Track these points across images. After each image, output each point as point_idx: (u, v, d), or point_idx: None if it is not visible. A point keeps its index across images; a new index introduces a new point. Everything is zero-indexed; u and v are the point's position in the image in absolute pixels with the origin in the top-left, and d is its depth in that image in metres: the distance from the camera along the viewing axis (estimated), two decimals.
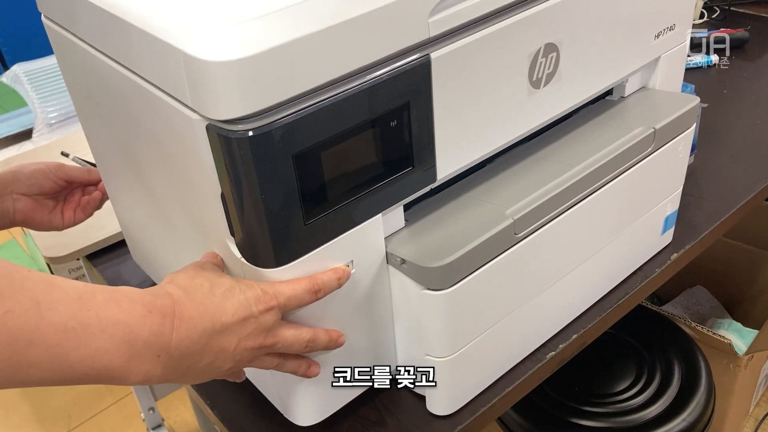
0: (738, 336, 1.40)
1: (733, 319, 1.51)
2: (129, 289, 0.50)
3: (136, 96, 0.58)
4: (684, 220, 0.90)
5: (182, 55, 0.47)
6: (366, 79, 0.52)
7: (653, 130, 0.72)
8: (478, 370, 0.68)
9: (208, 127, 0.49)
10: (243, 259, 0.56)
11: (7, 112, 2.33)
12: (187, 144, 0.53)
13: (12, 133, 1.96)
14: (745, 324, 1.43)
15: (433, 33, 0.54)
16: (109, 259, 0.97)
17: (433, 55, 0.55)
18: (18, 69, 1.97)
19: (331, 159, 0.53)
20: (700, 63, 1.26)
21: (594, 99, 0.78)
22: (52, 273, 1.70)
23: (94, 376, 0.47)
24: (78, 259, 1.00)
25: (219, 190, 0.53)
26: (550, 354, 0.74)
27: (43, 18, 0.71)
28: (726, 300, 1.61)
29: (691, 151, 0.99)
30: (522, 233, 0.63)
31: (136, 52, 0.55)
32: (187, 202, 0.60)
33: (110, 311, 0.47)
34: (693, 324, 1.21)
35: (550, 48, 0.64)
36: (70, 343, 0.45)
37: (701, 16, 1.43)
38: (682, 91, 0.91)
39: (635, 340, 1.12)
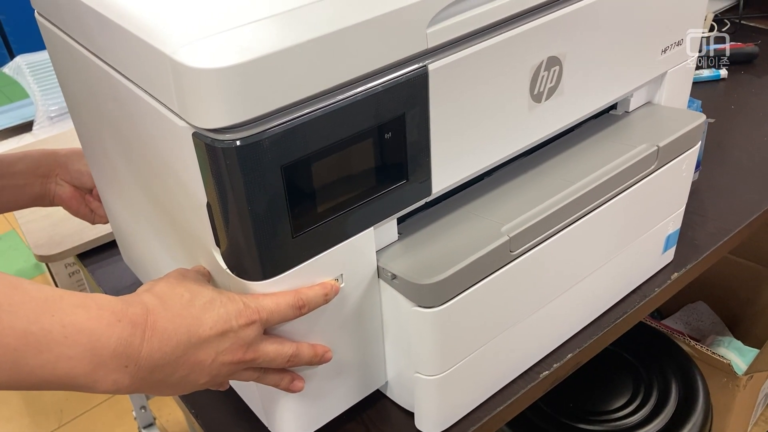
0: (738, 354, 1.38)
1: (735, 336, 1.49)
2: (101, 296, 0.48)
3: (126, 99, 0.56)
4: (686, 238, 0.88)
5: (170, 61, 0.46)
6: (360, 90, 0.50)
7: (657, 147, 0.70)
8: (469, 388, 0.67)
9: (194, 135, 0.47)
10: (228, 271, 0.54)
11: (10, 103, 2.32)
12: (173, 151, 0.52)
13: (12, 124, 1.94)
14: (746, 342, 1.41)
15: (431, 44, 0.53)
16: (100, 259, 0.96)
17: (431, 67, 0.53)
18: (21, 60, 1.96)
19: (321, 171, 0.51)
20: (708, 77, 1.24)
21: (598, 113, 0.77)
22: (50, 271, 1.69)
23: (56, 383, 0.45)
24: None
25: (205, 200, 0.51)
26: (544, 373, 0.72)
27: (36, 14, 0.70)
28: (727, 317, 1.59)
29: (696, 168, 0.97)
30: (518, 251, 0.62)
31: (125, 55, 0.53)
32: (175, 209, 0.59)
33: (76, 317, 0.45)
34: (692, 342, 1.19)
35: (553, 61, 0.62)
36: (30, 348, 0.44)
37: (711, 29, 1.41)
38: (689, 107, 0.89)
39: (633, 357, 1.10)
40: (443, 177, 0.60)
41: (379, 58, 0.50)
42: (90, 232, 0.97)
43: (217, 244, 0.54)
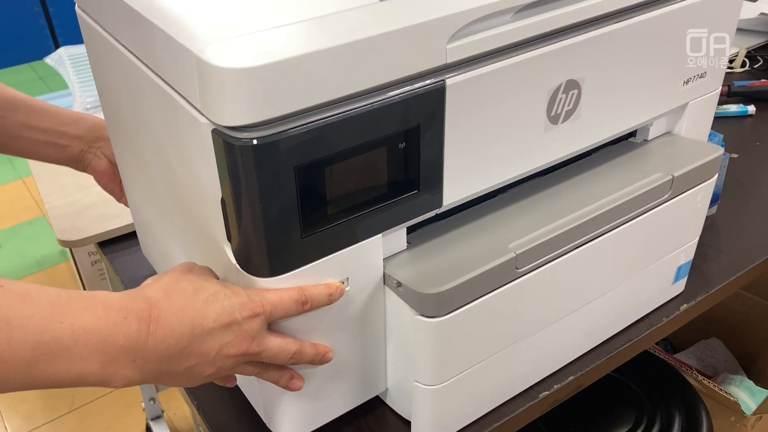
0: (749, 394, 1.36)
1: (748, 376, 1.47)
2: (106, 295, 0.50)
3: (152, 93, 0.58)
4: (698, 271, 0.88)
5: (195, 59, 0.47)
6: (377, 99, 0.52)
7: (671, 177, 0.70)
8: (467, 401, 0.67)
9: (213, 132, 0.49)
10: (238, 266, 0.56)
11: (50, 92, 2.38)
12: (193, 146, 0.53)
13: None
14: (759, 382, 1.39)
15: (451, 60, 0.54)
16: (120, 248, 0.98)
17: (449, 82, 0.55)
18: (63, 52, 2.01)
19: (334, 175, 0.53)
20: (735, 112, 1.23)
21: (616, 139, 0.77)
22: (74, 258, 1.72)
23: (69, 383, 0.47)
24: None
25: (219, 195, 0.53)
26: (544, 393, 0.72)
27: (76, 7, 0.73)
28: (742, 355, 1.56)
29: (714, 202, 0.97)
30: (524, 268, 0.62)
31: (154, 50, 0.55)
32: (191, 204, 0.60)
33: (84, 320, 0.47)
34: (700, 377, 1.18)
35: (572, 85, 0.63)
36: (43, 357, 0.45)
37: (743, 65, 1.40)
38: (710, 139, 0.89)
39: (638, 387, 1.10)
40: (455, 190, 0.61)
41: (397, 69, 0.52)
42: (111, 222, 1.00)
43: (229, 239, 0.55)
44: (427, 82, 0.54)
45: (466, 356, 0.64)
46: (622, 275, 0.74)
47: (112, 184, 0.87)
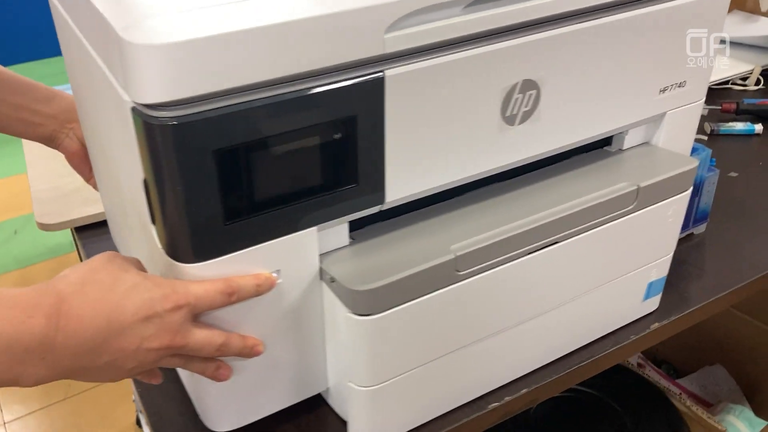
0: (748, 425, 1.31)
1: (751, 405, 1.42)
2: (13, 293, 0.48)
3: (95, 73, 0.58)
4: (677, 290, 0.84)
5: (116, 36, 0.47)
6: (307, 86, 0.50)
7: (637, 187, 0.67)
8: (406, 406, 0.65)
9: (132, 110, 0.48)
10: (162, 250, 0.55)
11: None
12: (121, 125, 0.53)
13: None
14: (760, 413, 1.34)
15: (389, 50, 0.52)
16: (95, 234, 0.98)
17: (388, 73, 0.53)
18: None
19: (261, 162, 0.52)
20: (741, 130, 1.19)
21: (591, 147, 0.75)
22: (76, 243, 1.74)
23: None
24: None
25: (142, 176, 0.52)
26: (494, 404, 0.70)
27: None
28: (746, 384, 1.51)
29: (702, 220, 0.93)
30: (465, 271, 0.60)
31: (92, 29, 0.55)
32: (127, 185, 0.60)
33: None
34: (688, 403, 1.14)
35: (529, 85, 0.61)
36: None
37: (757, 82, 1.35)
38: (696, 154, 0.86)
39: (621, 407, 1.06)
40: (399, 187, 0.59)
41: (329, 56, 0.50)
42: (92, 208, 1.00)
43: (153, 222, 0.54)
44: (364, 72, 0.52)
45: (403, 359, 0.62)
46: (582, 287, 0.71)
47: (83, 165, 0.87)
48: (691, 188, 0.73)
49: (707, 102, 1.29)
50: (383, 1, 0.51)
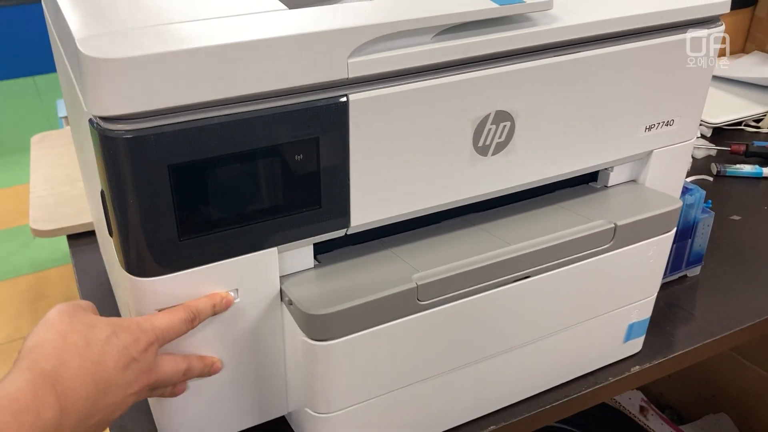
0: None
1: None
2: (11, 396, 0.46)
3: (71, 84, 0.59)
4: (663, 333, 0.82)
5: (75, 48, 0.47)
6: (267, 106, 0.50)
7: (614, 225, 0.66)
8: None
9: (89, 122, 0.49)
10: (119, 264, 0.55)
11: None
12: (85, 136, 0.53)
13: None
14: None
15: (353, 74, 0.52)
16: (86, 243, 0.99)
17: (352, 97, 0.53)
18: None
19: (217, 179, 0.51)
20: (748, 173, 1.16)
21: (575, 181, 0.74)
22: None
23: None
24: None
25: (100, 187, 0.52)
26: None
27: (42, 1, 0.75)
28: None
29: (696, 263, 0.91)
30: (428, 301, 0.59)
31: (65, 41, 0.56)
32: (98, 196, 0.60)
33: None
34: None
35: (503, 116, 0.60)
36: None
37: None
38: (689, 194, 0.84)
39: None
40: (365, 212, 0.59)
41: (291, 77, 0.50)
42: (87, 216, 1.01)
43: (110, 234, 0.54)
44: (327, 95, 0.52)
45: (361, 387, 0.60)
46: (556, 324, 0.69)
47: None
48: (675, 229, 0.71)
49: (716, 142, 1.27)
50: (348, 26, 0.51)
